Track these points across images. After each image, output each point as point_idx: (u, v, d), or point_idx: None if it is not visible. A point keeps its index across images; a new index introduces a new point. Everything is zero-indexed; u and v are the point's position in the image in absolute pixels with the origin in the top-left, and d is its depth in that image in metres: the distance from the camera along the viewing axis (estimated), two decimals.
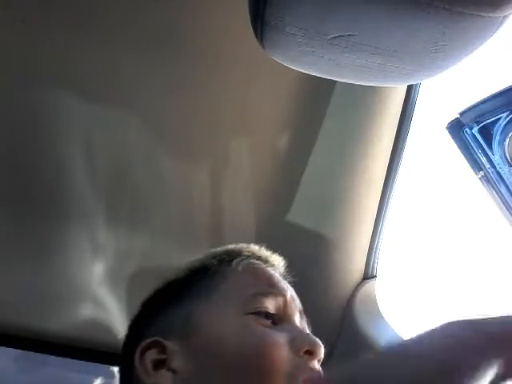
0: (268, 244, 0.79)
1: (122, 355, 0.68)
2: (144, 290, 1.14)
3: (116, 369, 1.31)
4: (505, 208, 0.87)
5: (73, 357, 1.19)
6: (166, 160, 1.04)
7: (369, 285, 1.11)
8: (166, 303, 0.68)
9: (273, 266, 0.73)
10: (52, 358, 1.20)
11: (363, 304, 1.09)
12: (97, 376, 1.40)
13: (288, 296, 0.68)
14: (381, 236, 1.08)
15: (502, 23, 0.45)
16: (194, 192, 1.08)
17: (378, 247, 1.10)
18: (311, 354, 0.61)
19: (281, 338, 0.61)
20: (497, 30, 0.46)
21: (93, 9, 0.88)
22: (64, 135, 1.01)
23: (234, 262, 0.69)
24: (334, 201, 1.06)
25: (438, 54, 0.49)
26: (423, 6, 0.43)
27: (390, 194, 1.04)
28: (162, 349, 0.61)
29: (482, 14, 0.43)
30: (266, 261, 0.73)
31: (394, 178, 1.02)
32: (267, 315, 0.63)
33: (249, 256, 0.72)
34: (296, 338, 0.62)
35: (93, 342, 1.17)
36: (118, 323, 1.15)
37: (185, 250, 1.13)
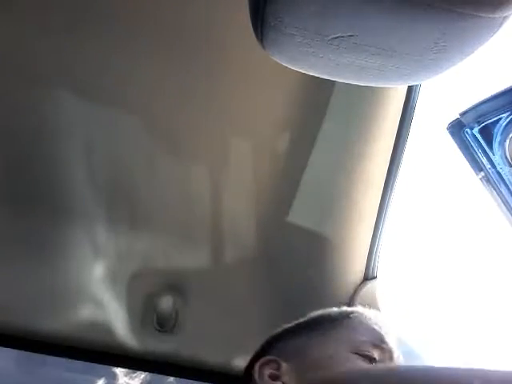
0: (269, 245, 0.79)
1: (246, 368, 0.82)
2: (145, 289, 1.14)
3: (118, 370, 1.31)
4: (505, 208, 0.87)
5: (72, 357, 1.19)
6: (166, 161, 1.04)
7: (369, 285, 1.11)
8: (291, 333, 0.81)
9: (384, 330, 0.81)
10: (52, 358, 1.20)
11: (364, 305, 1.09)
12: (99, 377, 1.40)
13: (395, 355, 0.76)
14: (381, 237, 1.08)
15: (501, 24, 0.45)
16: (194, 193, 1.08)
17: (379, 248, 1.10)
18: None
19: None
20: (497, 30, 0.46)
21: (93, 9, 0.88)
22: (64, 135, 1.01)
23: (352, 315, 0.82)
24: (334, 201, 1.06)
25: (438, 55, 0.49)
26: (423, 7, 0.43)
27: (390, 195, 1.04)
28: (278, 366, 0.74)
29: (481, 14, 0.43)
30: (379, 326, 0.81)
31: (395, 178, 1.02)
32: (371, 359, 0.73)
33: (363, 315, 0.82)
34: None
35: (92, 342, 1.16)
36: (118, 324, 1.15)
37: (185, 251, 1.13)
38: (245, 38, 0.58)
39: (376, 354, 0.74)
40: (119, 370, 1.31)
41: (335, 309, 0.84)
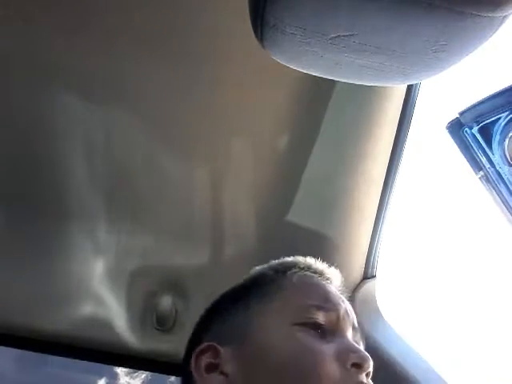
0: (268, 244, 0.79)
1: (183, 358, 0.72)
2: (145, 289, 1.14)
3: (119, 370, 1.31)
4: (505, 208, 0.87)
5: (72, 356, 1.19)
6: (166, 159, 1.04)
7: (368, 284, 1.11)
8: (223, 310, 0.72)
9: (328, 279, 0.73)
10: (53, 357, 1.20)
11: (363, 304, 1.09)
12: (100, 376, 1.39)
13: (341, 311, 0.68)
14: (380, 236, 1.08)
15: (501, 23, 0.45)
16: (195, 191, 1.08)
17: (378, 247, 1.10)
18: (359, 366, 0.61)
19: (327, 349, 0.61)
20: (497, 29, 0.46)
21: (93, 9, 0.88)
22: (64, 135, 1.01)
23: (289, 272, 0.71)
24: (334, 201, 1.06)
25: (437, 54, 0.49)
26: (423, 6, 0.43)
27: (389, 194, 1.04)
28: (216, 353, 0.65)
29: (481, 13, 0.43)
30: (321, 274, 0.73)
31: (394, 177, 1.02)
32: (316, 326, 0.64)
33: (304, 268, 0.73)
34: (343, 351, 0.62)
35: (92, 341, 1.16)
36: (118, 323, 1.15)
37: (185, 250, 1.13)
38: (245, 38, 0.59)
39: (321, 318, 0.65)
40: (120, 370, 1.30)
41: (274, 263, 0.76)
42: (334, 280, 0.75)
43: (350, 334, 0.67)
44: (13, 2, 0.87)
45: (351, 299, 1.11)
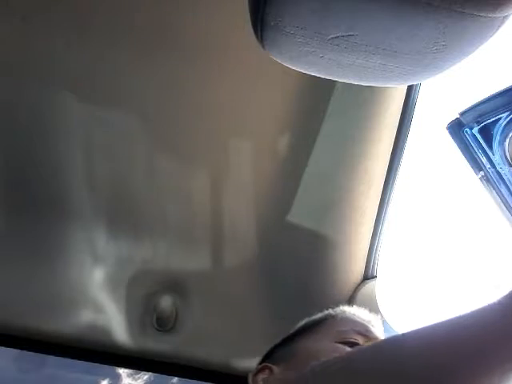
0: (269, 245, 0.80)
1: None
2: (145, 290, 1.14)
3: (122, 371, 1.31)
4: (505, 208, 0.87)
5: (73, 357, 1.19)
6: (166, 163, 1.04)
7: (369, 285, 1.11)
8: (283, 341, 0.85)
9: (371, 323, 0.83)
10: (54, 358, 1.20)
11: (363, 304, 1.09)
12: (102, 378, 1.39)
13: (377, 339, 0.77)
14: (381, 236, 1.08)
15: (502, 23, 0.45)
16: (194, 195, 1.07)
17: (378, 248, 1.10)
18: None
19: None
20: (497, 30, 0.46)
21: (92, 8, 0.88)
22: (64, 137, 1.01)
23: (334, 313, 0.85)
24: (334, 201, 1.06)
25: (438, 54, 0.49)
26: (423, 7, 0.43)
27: (390, 195, 1.04)
28: (270, 372, 0.76)
29: (482, 14, 0.43)
30: (363, 319, 0.84)
31: (394, 178, 1.02)
32: (354, 345, 0.74)
33: (349, 312, 0.85)
34: None
35: (92, 342, 1.16)
36: (118, 324, 1.15)
37: (186, 251, 1.13)
38: (245, 38, 0.58)
39: (360, 341, 0.75)
40: (123, 371, 1.30)
41: (320, 313, 0.87)
42: (377, 326, 0.84)
43: None
44: (13, 2, 0.87)
45: (351, 299, 1.11)
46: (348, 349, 0.74)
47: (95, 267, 1.12)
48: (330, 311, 0.87)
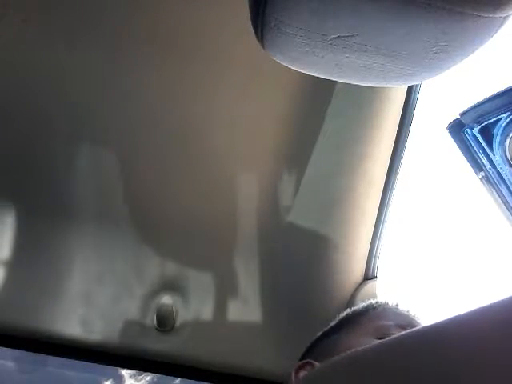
0: (269, 245, 0.80)
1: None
2: (145, 289, 1.14)
3: (124, 371, 1.31)
4: (505, 208, 0.87)
5: (72, 357, 1.19)
6: (166, 158, 1.04)
7: (369, 285, 1.11)
8: (323, 337, 0.84)
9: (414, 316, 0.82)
10: (56, 359, 1.20)
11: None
12: (105, 378, 1.39)
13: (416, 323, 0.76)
14: (381, 236, 1.08)
15: (502, 23, 0.45)
16: (195, 193, 1.08)
17: (379, 248, 1.10)
18: None
19: None
20: (497, 30, 0.46)
21: (93, 9, 0.88)
22: (65, 137, 1.01)
23: (376, 304, 0.84)
24: (335, 201, 1.06)
25: (438, 55, 0.49)
26: (424, 7, 0.43)
27: (390, 195, 1.04)
28: (312, 368, 0.75)
29: (482, 14, 0.43)
30: (407, 311, 0.83)
31: (395, 178, 1.02)
32: None
33: (387, 304, 0.84)
34: None
35: (92, 342, 1.16)
36: (118, 324, 1.15)
37: (186, 250, 1.13)
38: (245, 38, 0.58)
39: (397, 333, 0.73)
40: (125, 372, 1.30)
41: (362, 304, 0.86)
42: (420, 319, 0.82)
43: None
44: (13, 2, 0.87)
45: (352, 300, 1.11)
46: None
47: (96, 267, 1.12)
48: (372, 302, 0.86)
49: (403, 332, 0.71)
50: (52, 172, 1.04)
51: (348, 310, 0.87)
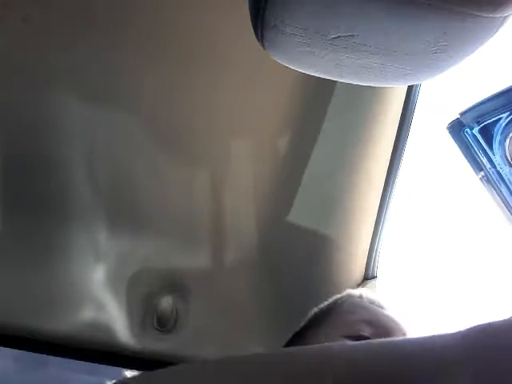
0: (269, 245, 0.79)
1: None
2: (145, 290, 1.14)
3: (128, 372, 1.30)
4: (505, 208, 0.87)
5: (72, 357, 1.19)
6: (166, 161, 1.04)
7: (369, 285, 1.11)
8: (292, 339, 0.79)
9: (380, 306, 0.77)
10: (57, 359, 1.20)
11: None
12: (106, 378, 1.39)
13: (388, 324, 0.70)
14: (381, 236, 1.08)
15: (502, 23, 0.45)
16: (195, 191, 1.08)
17: (379, 247, 1.10)
18: None
19: None
20: (497, 30, 0.46)
21: (93, 9, 0.88)
22: (64, 135, 1.01)
23: (340, 301, 0.79)
24: (335, 201, 1.06)
25: (438, 55, 0.49)
26: (423, 6, 0.43)
27: (390, 195, 1.04)
28: None
29: (482, 14, 0.43)
30: (373, 302, 0.78)
31: (395, 178, 1.02)
32: (362, 338, 0.66)
33: (355, 297, 0.79)
34: None
35: (92, 342, 1.16)
36: (118, 324, 1.15)
37: (186, 250, 1.13)
38: (245, 37, 0.58)
39: (368, 332, 0.68)
40: (128, 373, 1.30)
41: (329, 299, 0.82)
42: (388, 308, 0.78)
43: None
44: (13, 2, 0.87)
45: None
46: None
47: (96, 267, 1.12)
48: (338, 297, 0.81)
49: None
50: (52, 172, 1.04)
51: (315, 309, 0.82)
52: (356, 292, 0.81)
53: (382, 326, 0.69)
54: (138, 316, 1.15)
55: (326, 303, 0.81)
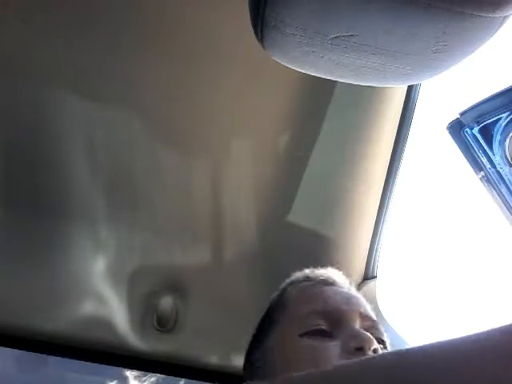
0: (269, 245, 0.79)
1: None
2: (145, 289, 1.14)
3: (129, 372, 1.31)
4: (505, 208, 0.87)
5: (72, 357, 1.19)
6: (167, 160, 1.04)
7: (369, 285, 1.11)
8: (251, 350, 0.76)
9: (328, 282, 0.75)
10: (59, 359, 1.20)
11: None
12: (108, 378, 1.39)
13: (343, 306, 0.69)
14: (381, 236, 1.08)
15: (502, 23, 0.45)
16: (195, 191, 1.08)
17: (379, 247, 1.10)
18: (361, 349, 0.61)
19: (333, 349, 0.62)
20: (497, 30, 0.46)
21: (93, 8, 0.88)
22: (65, 134, 1.01)
23: (288, 289, 0.76)
24: (335, 201, 1.06)
25: (438, 54, 0.49)
26: (423, 6, 0.43)
27: (390, 195, 1.04)
28: None
29: (482, 14, 0.43)
30: (319, 280, 0.75)
31: (395, 178, 1.02)
32: (319, 331, 0.65)
33: (302, 280, 0.76)
34: (346, 341, 0.63)
35: (92, 342, 1.16)
36: (118, 323, 1.15)
37: (186, 250, 1.13)
38: (245, 38, 0.59)
39: (323, 322, 0.66)
40: (130, 373, 1.30)
41: (276, 293, 0.78)
42: (336, 279, 0.77)
43: (357, 323, 0.68)
44: (13, 2, 0.87)
45: None
46: (314, 342, 0.63)
47: (96, 266, 1.12)
48: (286, 284, 0.77)
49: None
50: (52, 168, 1.04)
51: (268, 306, 0.78)
52: (301, 275, 0.78)
53: (334, 312, 0.67)
54: (138, 316, 1.15)
55: (276, 294, 0.78)
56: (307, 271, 0.78)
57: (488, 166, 0.84)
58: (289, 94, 0.97)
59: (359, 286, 1.11)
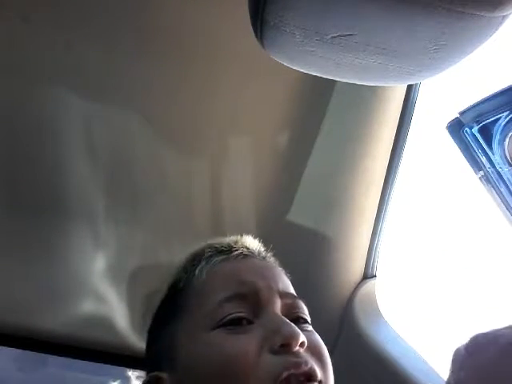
0: (268, 243, 0.79)
1: None
2: (145, 288, 1.14)
3: (130, 373, 1.31)
4: (505, 208, 0.87)
5: (73, 357, 1.19)
6: (166, 157, 1.04)
7: (369, 284, 1.11)
8: (154, 332, 0.67)
9: (241, 254, 0.67)
10: (52, 358, 1.20)
11: (363, 304, 1.09)
12: (112, 379, 1.39)
13: (259, 284, 0.61)
14: (381, 235, 1.08)
15: (501, 23, 0.45)
16: (195, 190, 1.08)
17: (378, 247, 1.10)
18: (287, 346, 0.55)
19: (251, 343, 0.55)
20: (497, 29, 0.46)
21: (93, 8, 0.88)
22: (65, 133, 1.01)
23: (197, 269, 0.65)
24: (334, 200, 1.06)
25: (437, 54, 0.49)
26: (423, 6, 0.43)
27: (389, 194, 1.04)
28: (160, 381, 0.60)
29: (481, 13, 0.43)
30: (230, 252, 0.66)
31: (394, 177, 1.02)
32: (234, 321, 0.57)
33: (211, 256, 0.66)
34: (267, 334, 0.56)
35: (92, 341, 1.17)
36: (119, 322, 1.16)
37: (185, 246, 1.13)
38: (244, 37, 0.59)
39: (236, 309, 0.58)
40: (131, 373, 1.30)
41: (185, 261, 0.69)
42: (250, 245, 0.69)
43: (277, 305, 0.61)
44: (13, 2, 0.87)
45: (351, 299, 1.11)
46: (224, 335, 0.56)
47: (96, 265, 1.12)
48: (191, 263, 0.65)
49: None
50: (52, 171, 1.04)
51: (170, 282, 0.69)
52: (200, 251, 0.67)
53: (248, 291, 0.60)
54: (139, 315, 1.15)
55: (184, 267, 0.67)
56: (216, 243, 0.68)
57: (487, 165, 0.84)
58: (288, 93, 0.97)
59: (358, 286, 1.11)
